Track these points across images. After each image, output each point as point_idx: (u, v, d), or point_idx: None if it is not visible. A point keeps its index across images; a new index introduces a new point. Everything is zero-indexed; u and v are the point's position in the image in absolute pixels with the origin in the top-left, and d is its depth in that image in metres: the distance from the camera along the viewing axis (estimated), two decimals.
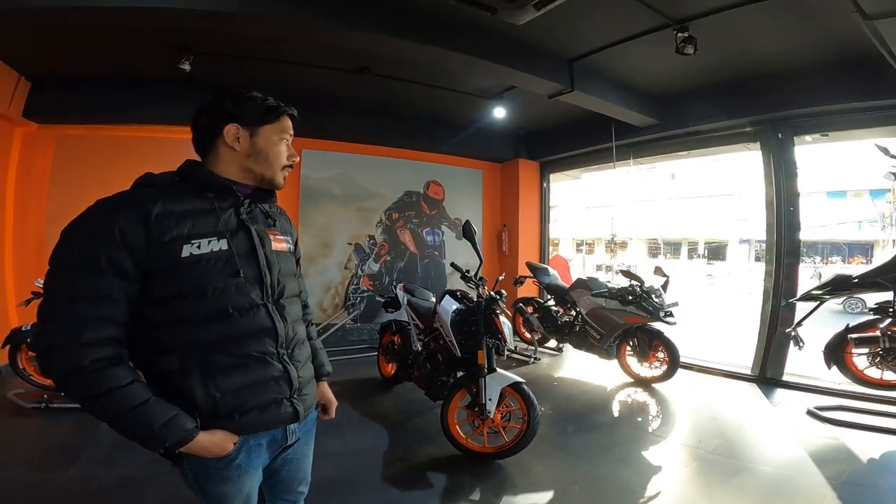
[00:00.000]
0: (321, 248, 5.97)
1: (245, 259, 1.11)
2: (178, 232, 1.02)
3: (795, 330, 3.75)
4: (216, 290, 1.05)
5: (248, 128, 1.13)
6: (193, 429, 1.01)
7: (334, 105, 5.39)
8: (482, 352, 2.99)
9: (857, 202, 20.95)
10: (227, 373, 1.06)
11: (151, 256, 0.99)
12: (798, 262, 4.56)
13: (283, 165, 1.19)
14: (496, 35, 3.76)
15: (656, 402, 4.12)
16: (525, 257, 6.66)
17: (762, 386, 4.44)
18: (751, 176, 21.42)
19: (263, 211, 1.25)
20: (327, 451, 2.94)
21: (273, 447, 1.18)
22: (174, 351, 1.03)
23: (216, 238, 1.07)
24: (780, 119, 4.50)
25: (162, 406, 0.99)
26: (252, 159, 1.15)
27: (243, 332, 1.08)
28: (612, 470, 2.88)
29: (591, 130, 5.80)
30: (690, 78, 4.57)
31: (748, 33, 3.68)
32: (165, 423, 0.97)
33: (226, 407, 1.05)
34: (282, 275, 1.20)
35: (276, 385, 1.13)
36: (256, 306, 1.12)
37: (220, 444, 1.05)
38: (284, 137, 1.18)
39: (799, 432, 3.35)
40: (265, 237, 1.19)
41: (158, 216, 1.00)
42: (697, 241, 25.81)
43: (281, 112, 1.17)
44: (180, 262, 1.01)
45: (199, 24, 3.15)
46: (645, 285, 4.41)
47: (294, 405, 1.16)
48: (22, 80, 4.33)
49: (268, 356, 1.12)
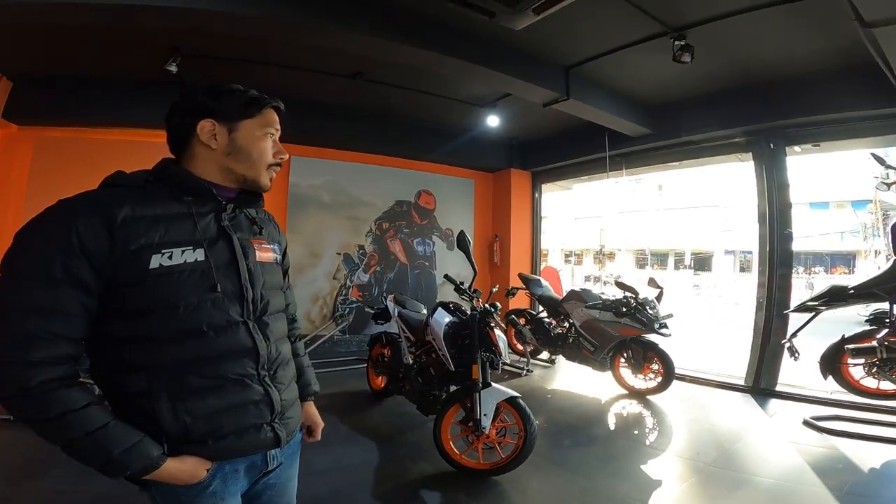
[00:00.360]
0: (309, 257, 5.84)
1: (224, 271, 1.01)
2: (147, 239, 0.91)
3: (791, 341, 3.75)
4: (189, 305, 0.94)
5: (225, 123, 1.03)
6: (159, 456, 0.90)
7: (325, 111, 5.31)
8: (477, 366, 2.90)
9: (840, 213, 21.37)
10: (200, 396, 0.95)
11: (115, 266, 0.88)
12: (791, 273, 4.56)
13: (268, 164, 1.08)
14: (492, 41, 3.72)
15: (652, 415, 4.06)
16: (516, 268, 6.61)
17: (756, 396, 4.41)
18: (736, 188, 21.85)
19: (249, 217, 1.14)
20: (315, 468, 2.83)
21: (252, 472, 1.07)
22: (141, 370, 0.92)
23: (192, 248, 0.97)
24: (773, 129, 4.52)
25: (123, 430, 0.88)
26: (232, 158, 1.04)
27: (219, 352, 0.97)
28: (610, 485, 2.80)
29: (584, 140, 5.79)
30: (684, 87, 4.58)
31: (743, 42, 3.69)
32: (127, 449, 0.87)
33: (198, 432, 0.94)
34: (266, 289, 1.10)
35: (256, 409, 1.02)
36: (235, 324, 1.01)
37: (191, 471, 0.94)
38: (269, 132, 1.08)
39: (797, 443, 3.32)
40: (249, 247, 1.08)
41: (125, 220, 0.90)
42: (684, 251, 26.09)
43: (263, 104, 1.07)
44: (148, 273, 0.91)
45: (187, 23, 3.05)
46: (640, 297, 4.36)
47: (275, 430, 1.06)
48: (3, 80, 4.19)
49: (246, 378, 1.01)
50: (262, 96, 1.07)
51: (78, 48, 3.81)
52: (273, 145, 1.09)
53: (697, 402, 4.36)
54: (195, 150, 1.04)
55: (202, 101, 1.03)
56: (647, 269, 24.63)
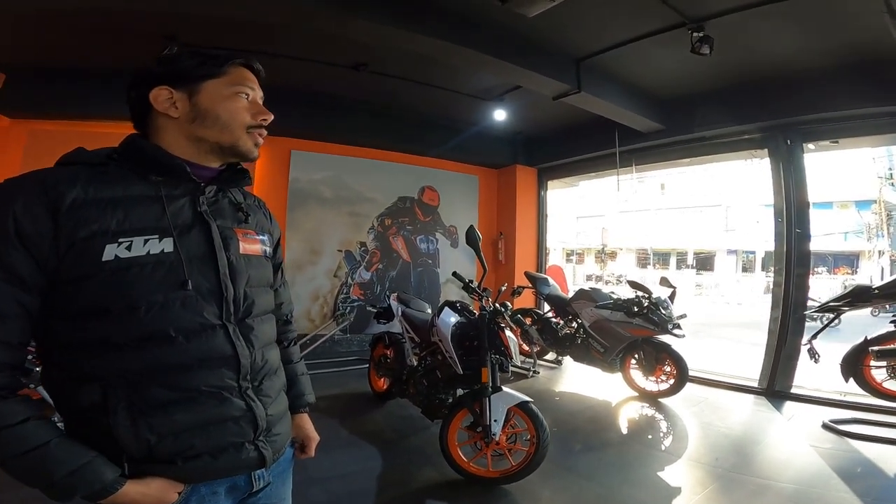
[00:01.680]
0: (309, 254, 5.69)
1: (199, 265, 0.86)
2: (100, 226, 0.77)
3: (811, 342, 3.64)
4: (152, 305, 0.80)
5: (184, 88, 0.88)
6: (115, 479, 0.76)
7: (327, 104, 5.17)
8: (486, 369, 2.76)
9: (843, 213, 21.25)
10: (166, 411, 0.80)
11: (60, 257, 0.75)
12: (808, 273, 4.43)
13: (245, 125, 0.92)
14: (503, 30, 3.59)
15: (665, 418, 3.93)
16: (522, 266, 6.47)
17: (771, 399, 4.30)
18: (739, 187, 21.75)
19: (234, 202, 0.99)
20: (313, 475, 2.70)
21: (235, 493, 0.92)
22: (94, 380, 0.77)
23: (157, 237, 0.82)
24: (790, 125, 4.38)
25: (70, 449, 0.74)
26: (198, 124, 0.89)
27: (190, 360, 0.83)
28: (627, 493, 2.67)
29: (593, 136, 5.64)
30: (698, 81, 4.44)
31: (760, 36, 3.56)
32: (72, 471, 0.73)
33: (164, 451, 0.80)
34: (251, 286, 0.95)
35: (235, 426, 0.87)
36: (211, 327, 0.86)
37: (157, 495, 0.80)
38: (241, 91, 0.92)
39: (818, 447, 3.21)
40: (231, 237, 0.93)
41: (75, 203, 0.76)
42: (686, 251, 25.97)
43: (224, 61, 0.92)
44: (101, 266, 0.76)
45: (188, 7, 2.92)
46: (653, 296, 4.23)
47: (259, 449, 0.91)
48: None
49: (224, 391, 0.86)
50: (222, 53, 0.93)
51: (71, 39, 3.68)
52: (251, 106, 0.94)
53: (710, 404, 4.23)
54: (157, 123, 0.90)
55: (153, 69, 0.89)
56: (649, 269, 24.52)
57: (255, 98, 0.95)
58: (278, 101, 5.25)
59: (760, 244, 21.44)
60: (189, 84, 0.89)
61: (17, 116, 4.42)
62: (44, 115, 4.47)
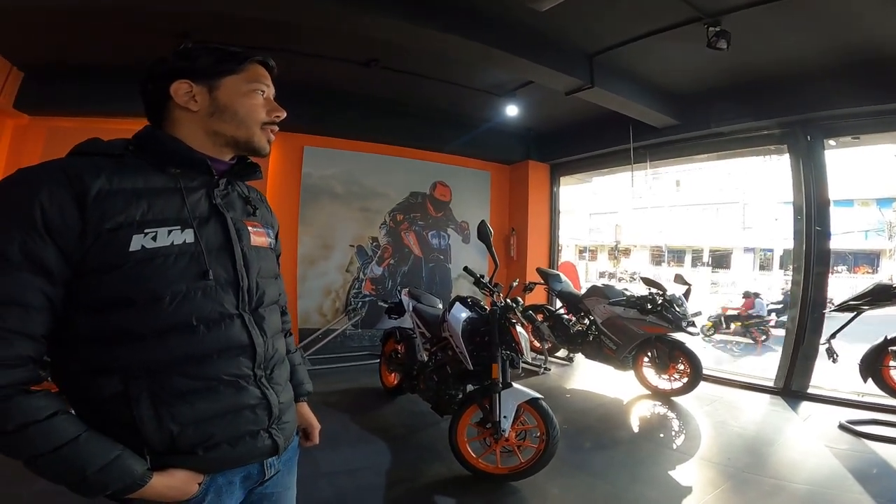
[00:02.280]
0: (321, 249, 5.72)
1: (217, 256, 0.87)
2: (126, 217, 0.77)
3: (829, 342, 3.57)
4: (176, 295, 0.80)
5: (204, 82, 0.89)
6: (144, 472, 0.77)
7: (339, 99, 5.18)
8: (497, 365, 2.75)
9: (865, 211, 20.75)
10: (188, 400, 0.81)
11: (86, 248, 0.74)
12: (828, 272, 4.33)
13: (260, 122, 0.94)
14: (515, 25, 3.54)
15: (678, 417, 3.88)
16: (534, 263, 6.42)
17: (787, 399, 4.22)
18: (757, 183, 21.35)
19: (242, 196, 1.01)
20: (322, 469, 2.73)
21: (248, 483, 0.95)
22: (115, 371, 0.78)
23: (179, 227, 0.83)
24: (810, 121, 4.27)
25: (98, 444, 0.74)
26: (217, 119, 0.90)
27: (210, 350, 0.84)
28: (637, 491, 2.65)
29: (607, 131, 5.56)
30: (715, 76, 4.34)
31: (778, 30, 3.46)
32: (103, 467, 0.73)
33: (186, 442, 0.81)
34: (262, 277, 0.96)
35: (252, 414, 0.89)
36: (229, 317, 0.87)
37: (181, 487, 0.81)
38: (258, 88, 0.94)
39: (834, 447, 3.16)
40: (243, 228, 0.95)
41: (101, 194, 0.76)
42: (702, 248, 25.58)
43: (244, 58, 0.93)
44: (128, 257, 0.77)
45: (201, 5, 2.95)
46: (667, 294, 4.18)
47: (273, 436, 0.93)
48: (14, 70, 4.13)
49: (242, 379, 0.88)
50: (241, 51, 0.94)
51: (86, 37, 3.72)
52: (266, 103, 0.96)
53: (724, 403, 4.17)
54: (175, 115, 0.90)
55: (173, 63, 0.90)
56: (663, 266, 24.23)
57: (269, 95, 0.97)
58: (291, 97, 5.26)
59: (779, 242, 21.05)
60: (209, 79, 0.90)
61: (36, 114, 4.48)
62: (62, 113, 4.52)
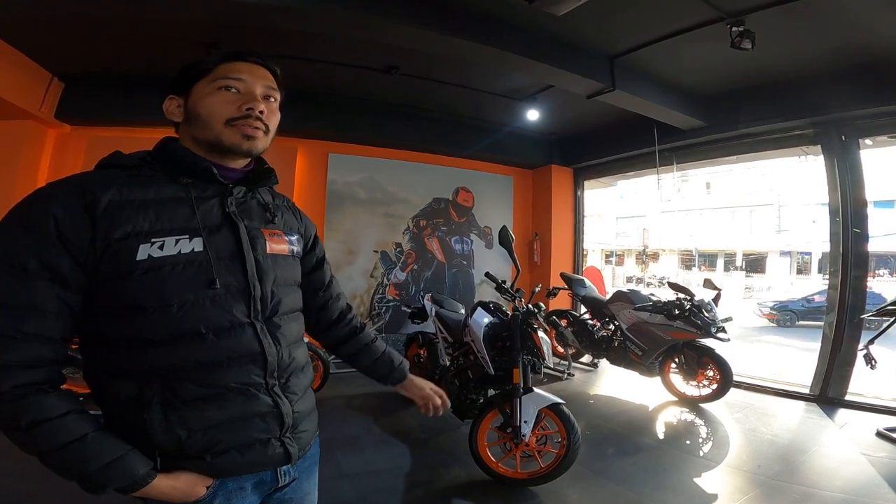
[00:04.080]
0: (346, 254, 5.81)
1: (227, 264, 0.89)
2: (133, 227, 0.81)
3: (867, 347, 3.43)
4: (185, 303, 0.83)
5: (182, 93, 0.93)
6: (146, 473, 0.80)
7: (361, 107, 5.27)
8: (518, 370, 2.74)
9: None
10: (197, 406, 0.83)
11: (97, 257, 0.78)
12: (866, 275, 4.16)
13: (225, 118, 0.90)
14: (533, 30, 3.55)
15: (706, 423, 3.78)
16: (558, 268, 6.36)
17: (823, 406, 4.07)
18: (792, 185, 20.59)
19: (262, 203, 1.02)
20: (344, 471, 2.78)
21: (261, 489, 0.95)
22: (131, 375, 0.81)
23: (187, 236, 0.85)
24: (844, 120, 4.12)
25: (103, 443, 0.78)
26: (192, 125, 0.92)
27: (220, 358, 0.85)
28: (660, 498, 2.59)
29: (631, 134, 5.48)
30: (742, 76, 4.23)
31: (804, 28, 3.37)
32: (106, 464, 0.76)
33: (194, 447, 0.83)
34: (278, 285, 0.97)
35: (262, 423, 0.90)
36: (240, 325, 0.88)
37: (186, 490, 0.84)
38: (223, 85, 0.91)
39: (871, 455, 3.04)
40: (258, 236, 0.96)
41: (110, 205, 0.80)
42: (735, 252, 24.81)
43: (213, 59, 0.93)
44: (135, 266, 0.80)
45: (230, 17, 3.04)
46: (695, 299, 4.08)
47: (285, 445, 0.94)
48: (55, 81, 4.33)
49: (252, 387, 0.88)
50: (215, 53, 0.96)
51: (123, 48, 3.89)
52: (240, 97, 0.92)
53: (756, 410, 4.04)
54: (178, 130, 0.96)
55: (171, 81, 0.95)
56: (693, 271, 23.60)
57: (247, 89, 0.93)
58: (315, 105, 5.41)
59: (817, 245, 20.23)
60: (186, 89, 0.93)
61: (77, 124, 4.68)
62: (102, 122, 4.71)
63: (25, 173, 4.39)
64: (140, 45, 3.83)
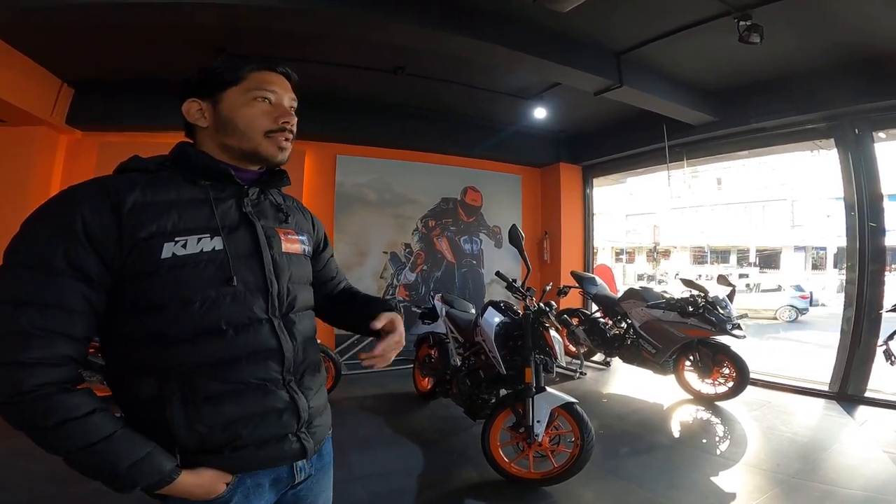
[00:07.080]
0: (356, 256, 5.83)
1: (246, 262, 0.91)
2: (158, 227, 0.83)
3: (887, 343, 3.35)
4: (206, 300, 0.85)
5: (209, 98, 0.94)
6: (172, 469, 0.81)
7: (367, 108, 5.27)
8: (530, 369, 2.73)
9: None
10: (217, 403, 0.85)
11: (123, 256, 0.80)
12: (884, 269, 4.09)
13: (263, 131, 0.93)
14: (538, 27, 3.53)
15: (722, 422, 3.73)
16: (568, 266, 6.32)
17: (843, 403, 4.01)
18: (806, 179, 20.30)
19: (274, 204, 1.04)
20: (356, 472, 2.78)
21: (279, 485, 0.97)
22: (152, 373, 0.83)
23: (208, 236, 0.87)
24: (857, 113, 4.06)
25: (131, 441, 0.79)
26: (222, 133, 0.94)
27: (239, 354, 0.87)
28: (675, 497, 2.56)
29: (640, 130, 5.43)
30: (753, 70, 4.17)
31: (813, 21, 3.32)
32: (135, 463, 0.77)
33: (215, 443, 0.85)
34: (293, 282, 0.99)
35: (279, 418, 0.92)
36: (258, 321, 0.90)
37: (208, 486, 0.85)
38: (259, 96, 0.94)
39: (892, 452, 2.99)
40: (274, 236, 0.98)
41: (135, 206, 0.82)
42: (748, 248, 24.49)
43: (243, 67, 0.94)
44: (160, 264, 0.82)
45: (235, 21, 3.07)
46: (709, 295, 4.03)
47: (301, 441, 0.95)
48: (65, 87, 4.38)
49: (269, 383, 0.90)
50: (244, 60, 0.96)
51: (132, 53, 3.93)
52: (273, 109, 0.95)
53: (774, 408, 3.99)
54: (196, 134, 0.97)
55: (187, 83, 0.95)
56: (706, 267, 23.33)
57: (278, 101, 0.96)
58: (322, 107, 5.40)
59: (832, 240, 19.91)
60: (213, 94, 0.94)
61: (88, 129, 4.73)
62: (113, 128, 4.77)
63: (39, 178, 4.46)
64: (147, 50, 3.87)
